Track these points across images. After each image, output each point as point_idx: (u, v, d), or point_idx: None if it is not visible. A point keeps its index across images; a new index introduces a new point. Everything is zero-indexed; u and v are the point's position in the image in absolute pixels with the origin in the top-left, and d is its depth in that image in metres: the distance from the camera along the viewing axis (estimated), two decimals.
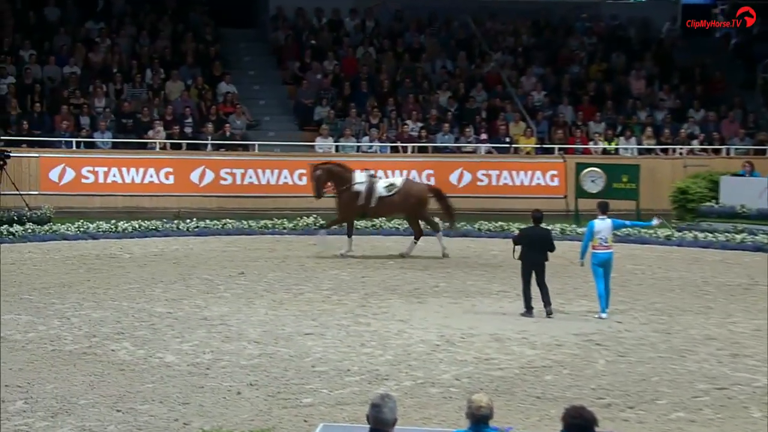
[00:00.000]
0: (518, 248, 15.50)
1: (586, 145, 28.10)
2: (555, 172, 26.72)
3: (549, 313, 15.43)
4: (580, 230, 23.22)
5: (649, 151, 28.01)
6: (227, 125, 27.00)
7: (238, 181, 25.91)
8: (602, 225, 15.44)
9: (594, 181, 24.77)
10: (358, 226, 23.52)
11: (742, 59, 31.78)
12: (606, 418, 10.30)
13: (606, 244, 15.43)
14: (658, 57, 31.16)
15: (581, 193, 24.79)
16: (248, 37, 30.89)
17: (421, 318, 15.34)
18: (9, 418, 10.41)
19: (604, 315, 15.40)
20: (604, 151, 27.82)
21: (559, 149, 27.50)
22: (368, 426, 6.78)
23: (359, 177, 20.58)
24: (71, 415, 10.56)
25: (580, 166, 25.13)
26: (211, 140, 26.71)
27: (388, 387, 11.53)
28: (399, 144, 27.57)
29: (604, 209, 15.62)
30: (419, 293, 16.95)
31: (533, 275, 15.42)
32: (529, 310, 15.48)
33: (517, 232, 15.60)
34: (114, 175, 25.32)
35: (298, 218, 23.66)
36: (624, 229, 23.10)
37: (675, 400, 11.62)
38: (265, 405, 11.01)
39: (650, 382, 12.28)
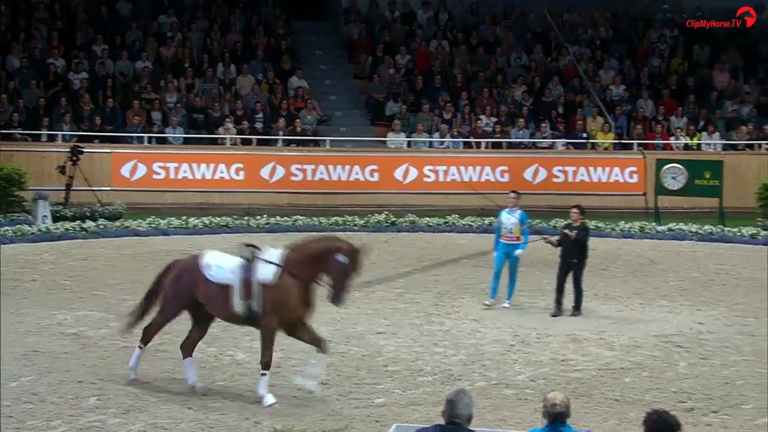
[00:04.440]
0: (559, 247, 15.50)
1: (667, 140, 27.41)
2: (634, 169, 26.09)
3: (574, 314, 15.21)
4: (660, 228, 22.68)
5: (733, 146, 27.22)
6: (298, 120, 26.86)
7: (309, 177, 25.73)
8: (509, 217, 15.58)
9: (675, 177, 24.10)
10: (430, 223, 23.23)
11: None
12: (689, 422, 9.96)
13: (511, 236, 15.56)
14: (742, 49, 30.30)
15: (661, 190, 24.15)
16: (320, 31, 30.73)
17: (495, 317, 15.05)
18: (83, 414, 10.43)
19: (489, 303, 15.55)
20: (686, 147, 27.10)
21: (639, 145, 26.85)
22: (442, 423, 6.67)
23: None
24: (143, 412, 10.57)
25: (661, 162, 24.47)
26: (282, 136, 26.58)
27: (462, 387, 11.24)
28: (472, 140, 27.17)
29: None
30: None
31: (569, 275, 15.30)
32: (557, 307, 15.31)
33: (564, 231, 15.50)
34: (185, 171, 25.31)
35: (369, 215, 23.40)
36: (706, 229, 22.48)
37: (761, 405, 11.29)
38: (336, 404, 10.93)
39: (734, 386, 11.95)
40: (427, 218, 23.39)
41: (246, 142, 26.41)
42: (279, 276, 10.95)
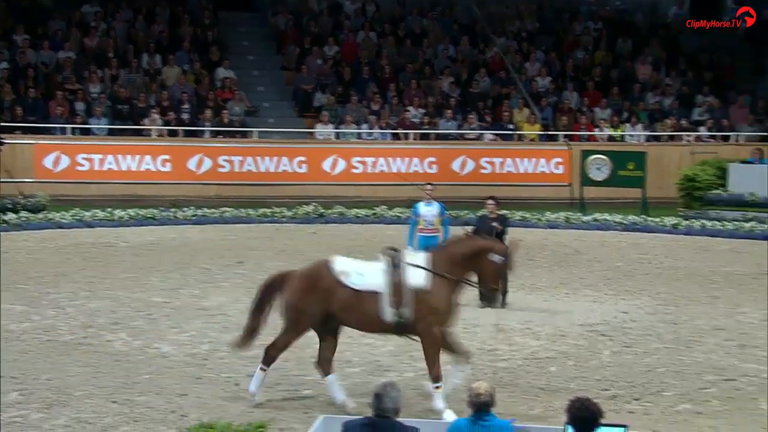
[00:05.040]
0: None
1: (592, 131, 27.75)
2: (560, 160, 26.38)
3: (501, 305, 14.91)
4: (585, 219, 22.97)
5: (656, 138, 27.65)
6: (225, 111, 26.66)
7: (237, 169, 25.58)
8: (429, 209, 15.45)
9: (599, 168, 24.43)
10: (359, 215, 23.25)
11: (752, 44, 31.38)
12: (611, 410, 10.09)
13: (432, 228, 15.38)
14: (664, 42, 30.78)
15: (586, 180, 24.45)
16: (247, 22, 30.52)
17: None
18: (4, 409, 10.26)
19: None
20: (610, 138, 27.47)
21: (564, 136, 27.15)
22: (370, 416, 6.72)
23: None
24: (66, 406, 10.42)
25: (586, 154, 24.78)
26: (209, 127, 26.37)
27: (390, 378, 11.26)
28: (401, 131, 27.23)
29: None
30: None
31: None
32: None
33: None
34: (110, 163, 24.99)
35: (298, 206, 23.34)
36: (630, 219, 22.85)
37: (682, 392, 11.47)
38: (264, 396, 10.84)
39: (656, 374, 12.13)
40: (356, 209, 23.41)
41: (172, 134, 26.15)
42: (432, 280, 10.36)
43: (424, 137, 27.16)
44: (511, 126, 27.57)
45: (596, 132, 27.73)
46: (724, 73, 30.10)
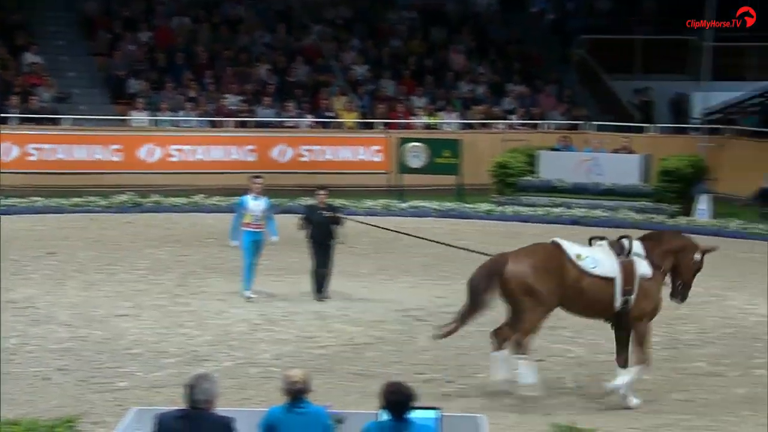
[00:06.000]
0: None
1: (409, 119, 28.13)
2: (378, 147, 26.63)
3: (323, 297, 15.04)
4: (403, 206, 23.28)
5: (470, 126, 28.27)
6: (34, 98, 25.70)
7: (47, 157, 24.71)
8: (258, 203, 15.03)
9: (416, 156, 24.79)
10: (176, 203, 22.86)
11: (558, 35, 32.48)
12: (427, 393, 10.26)
13: (259, 223, 15.00)
14: (476, 32, 31.48)
15: (404, 168, 24.79)
16: (55, 6, 29.44)
17: (242, 297, 14.98)
18: None
19: (248, 293, 14.89)
20: (427, 126, 27.92)
21: (383, 124, 27.42)
22: (185, 408, 6.66)
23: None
24: None
25: (403, 141, 25.12)
26: (17, 114, 25.35)
27: (207, 368, 11.18)
28: (218, 119, 26.91)
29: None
30: (240, 271, 16.44)
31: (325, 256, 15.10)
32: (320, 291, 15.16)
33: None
34: None
35: (113, 196, 22.75)
36: (446, 205, 23.32)
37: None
38: (76, 390, 10.64)
39: (470, 356, 12.45)
40: (173, 198, 23.02)
41: None
42: (652, 270, 10.67)
43: (243, 125, 26.93)
44: (329, 114, 27.66)
45: (413, 120, 28.14)
46: (532, 63, 31.05)
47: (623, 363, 10.79)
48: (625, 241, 10.74)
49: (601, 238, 10.93)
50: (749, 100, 29.00)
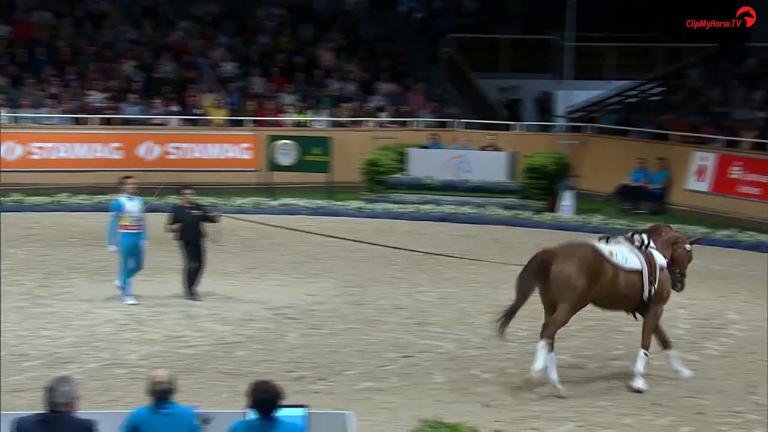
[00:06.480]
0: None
1: (278, 117, 27.98)
2: (248, 145, 26.39)
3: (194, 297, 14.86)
4: (273, 203, 23.16)
5: (340, 123, 28.30)
6: None
7: None
8: (132, 204, 14.79)
9: (286, 153, 24.68)
10: (38, 202, 22.25)
11: (426, 33, 32.77)
12: (296, 391, 10.31)
13: (138, 224, 14.73)
14: (345, 29, 31.52)
15: (274, 165, 24.65)
16: None
17: (108, 298, 14.70)
18: None
19: (129, 300, 14.54)
20: (297, 124, 27.83)
21: (252, 122, 27.21)
22: (45, 411, 6.53)
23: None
24: None
25: (272, 139, 24.97)
26: None
27: (71, 370, 10.90)
28: (82, 116, 26.25)
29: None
30: (106, 271, 16.11)
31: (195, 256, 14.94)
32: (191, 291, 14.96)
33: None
34: None
35: None
36: (317, 203, 23.29)
37: (364, 370, 11.90)
38: None
39: (341, 353, 12.49)
40: (35, 197, 22.39)
41: None
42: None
43: (108, 122, 26.34)
44: (198, 111, 27.31)
45: (283, 117, 28.00)
46: (402, 61, 31.26)
47: (665, 345, 11.68)
48: (643, 235, 11.58)
49: (645, 232, 11.67)
50: (609, 99, 29.81)
